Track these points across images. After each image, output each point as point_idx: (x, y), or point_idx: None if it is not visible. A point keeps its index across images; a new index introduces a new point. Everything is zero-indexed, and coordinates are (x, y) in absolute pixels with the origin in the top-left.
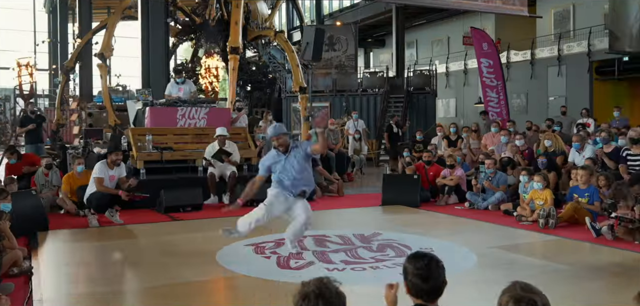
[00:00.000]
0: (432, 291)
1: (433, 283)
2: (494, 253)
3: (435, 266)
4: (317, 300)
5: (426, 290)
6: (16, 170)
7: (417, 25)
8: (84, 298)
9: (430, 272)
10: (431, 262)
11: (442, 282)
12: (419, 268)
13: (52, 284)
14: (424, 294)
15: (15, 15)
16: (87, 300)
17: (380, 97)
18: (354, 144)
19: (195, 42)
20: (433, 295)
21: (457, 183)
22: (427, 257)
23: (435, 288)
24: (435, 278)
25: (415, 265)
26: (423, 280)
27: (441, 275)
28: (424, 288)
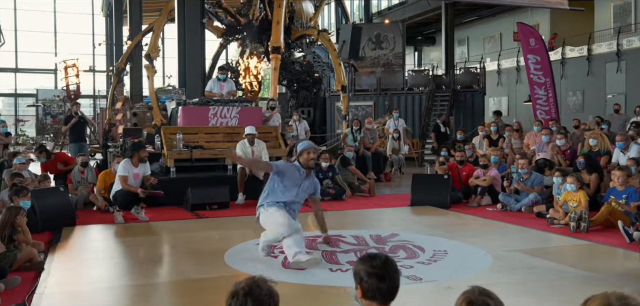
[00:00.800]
0: (388, 292)
1: (390, 284)
2: (513, 256)
3: (391, 267)
4: (245, 298)
5: (382, 291)
6: (51, 168)
7: (468, 21)
8: (84, 293)
9: (386, 272)
10: (387, 262)
11: (397, 284)
12: (376, 267)
13: (59, 278)
14: (379, 295)
15: (75, 19)
16: (85, 296)
17: (425, 95)
18: (393, 144)
19: (241, 42)
20: (388, 296)
21: (491, 184)
22: (382, 257)
23: (391, 289)
24: (391, 279)
25: (371, 264)
26: (380, 280)
27: (397, 277)
28: (381, 287)
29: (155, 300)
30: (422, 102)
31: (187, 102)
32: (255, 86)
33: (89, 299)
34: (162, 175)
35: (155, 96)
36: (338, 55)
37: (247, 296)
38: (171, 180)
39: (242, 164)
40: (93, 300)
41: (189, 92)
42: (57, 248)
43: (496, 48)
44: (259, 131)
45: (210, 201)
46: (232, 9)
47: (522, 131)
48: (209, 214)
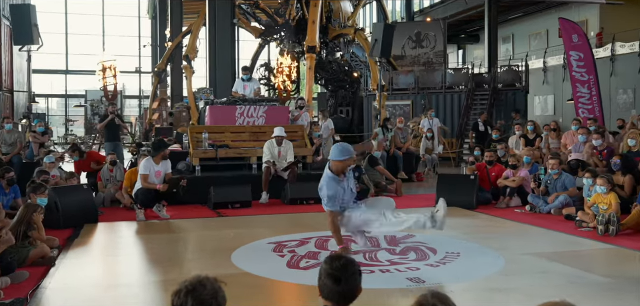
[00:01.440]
0: (342, 294)
1: (344, 287)
2: (528, 260)
3: (350, 270)
4: (186, 296)
5: (336, 292)
6: (84, 166)
7: (512, 18)
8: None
9: (343, 274)
10: (347, 265)
11: (355, 287)
12: (334, 269)
13: (65, 274)
14: (333, 296)
15: (122, 21)
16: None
17: (464, 94)
18: (426, 143)
19: (279, 42)
20: (343, 299)
21: (521, 185)
22: (343, 259)
23: (345, 292)
24: (347, 282)
25: (330, 266)
26: (335, 281)
27: (355, 280)
28: (335, 290)
29: (147, 297)
30: (461, 101)
31: (214, 101)
32: (289, 86)
33: (86, 295)
34: (188, 174)
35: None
36: (370, 53)
37: (189, 294)
38: (196, 178)
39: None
40: (89, 296)
41: (220, 91)
42: (72, 245)
43: (542, 45)
44: (285, 130)
45: (232, 200)
46: (270, 9)
47: (560, 130)
48: (230, 213)
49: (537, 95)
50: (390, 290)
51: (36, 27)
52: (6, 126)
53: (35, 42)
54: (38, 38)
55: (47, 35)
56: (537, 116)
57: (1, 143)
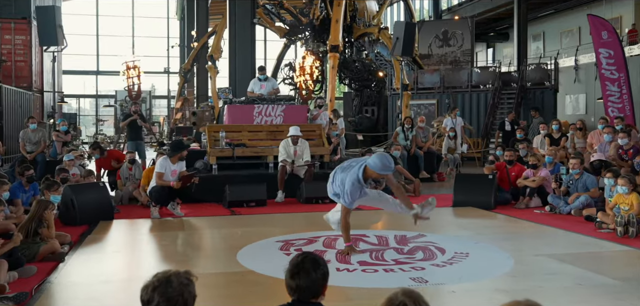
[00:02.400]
0: (298, 289)
1: (299, 282)
2: (538, 261)
3: (308, 265)
4: (154, 291)
5: (293, 288)
6: (105, 164)
7: (543, 16)
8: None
9: (300, 269)
10: (305, 260)
11: (313, 283)
12: (291, 265)
13: (72, 270)
14: (292, 291)
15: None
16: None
17: (490, 93)
18: (448, 143)
19: (304, 41)
20: (301, 293)
21: (542, 186)
22: (303, 255)
23: (302, 288)
24: (304, 277)
25: (290, 261)
26: (291, 277)
27: (313, 275)
28: (291, 285)
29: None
30: (487, 100)
31: (233, 100)
32: (310, 85)
33: (89, 290)
34: (205, 172)
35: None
36: (391, 52)
37: (156, 290)
38: (212, 177)
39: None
40: (92, 292)
41: (240, 91)
42: (84, 242)
43: (574, 43)
44: (303, 129)
45: (247, 198)
46: (294, 9)
47: (586, 130)
48: (245, 211)
49: (569, 94)
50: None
51: (61, 29)
52: (31, 126)
53: (59, 43)
54: (63, 39)
55: (79, 37)
56: (568, 115)
57: (26, 142)
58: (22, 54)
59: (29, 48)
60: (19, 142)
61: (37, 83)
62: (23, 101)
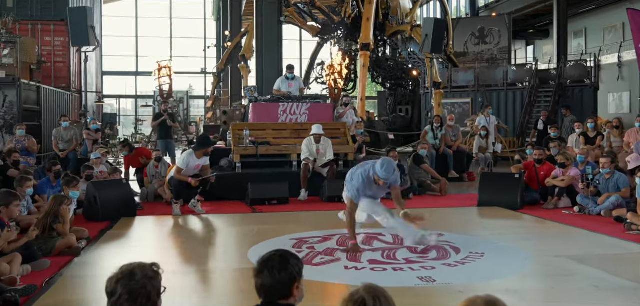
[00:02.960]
0: (262, 288)
1: (263, 281)
2: (557, 262)
3: (275, 264)
4: (117, 283)
5: (258, 286)
6: (133, 162)
7: (585, 11)
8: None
9: (264, 268)
10: (269, 259)
11: (277, 283)
12: (258, 263)
13: (85, 265)
14: (257, 289)
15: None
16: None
17: (527, 91)
18: (480, 142)
19: (337, 40)
20: (265, 293)
21: (571, 185)
22: (273, 253)
23: (266, 287)
24: (267, 276)
25: (258, 259)
26: (255, 274)
27: (277, 275)
28: (256, 282)
29: None
30: (524, 99)
31: (258, 99)
32: (340, 84)
33: (97, 285)
34: (229, 170)
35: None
36: (420, 49)
37: (119, 282)
38: (236, 175)
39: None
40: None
41: (266, 89)
42: (103, 237)
43: (618, 39)
44: (327, 127)
45: (269, 196)
46: (327, 8)
47: (623, 128)
48: (266, 209)
49: (612, 92)
50: (395, 288)
51: (92, 29)
52: (63, 124)
53: (91, 43)
54: (94, 40)
55: (119, 39)
56: (611, 114)
57: (59, 140)
58: (61, 55)
59: (68, 49)
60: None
61: (75, 84)
62: (61, 101)
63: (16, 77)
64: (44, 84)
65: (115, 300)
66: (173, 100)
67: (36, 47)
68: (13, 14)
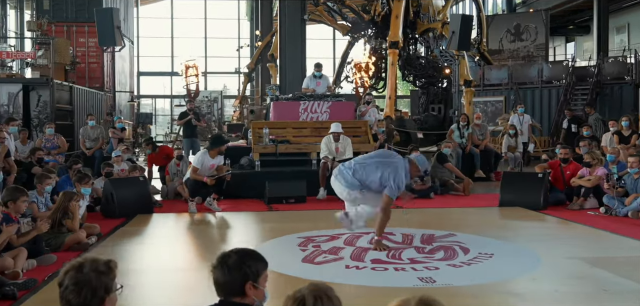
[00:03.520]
0: (216, 284)
1: (217, 276)
2: (569, 264)
3: (230, 262)
4: (65, 275)
5: (213, 281)
6: (156, 159)
7: (628, 6)
8: None
9: (219, 264)
10: (224, 257)
11: (230, 280)
12: (216, 258)
13: None
14: (215, 287)
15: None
16: None
17: (562, 89)
18: (509, 140)
19: (367, 39)
20: (218, 288)
21: (598, 185)
22: (231, 251)
23: (219, 283)
24: (221, 273)
25: (217, 256)
26: (212, 269)
27: (230, 273)
28: (212, 278)
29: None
30: (559, 97)
31: (279, 97)
32: (366, 82)
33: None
34: (249, 169)
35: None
36: (447, 46)
37: (67, 274)
38: (255, 173)
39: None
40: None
41: (289, 87)
42: (115, 233)
43: None
44: (348, 126)
45: (286, 195)
46: (357, 6)
47: None
48: (283, 208)
49: None
50: (391, 288)
51: (119, 30)
52: (90, 123)
53: (117, 44)
54: (121, 40)
55: (156, 40)
56: None
57: (85, 138)
58: (94, 55)
59: (101, 50)
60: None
61: (108, 84)
62: (94, 101)
63: (49, 77)
64: (78, 84)
65: (61, 290)
66: (207, 100)
67: (70, 48)
68: (48, 16)
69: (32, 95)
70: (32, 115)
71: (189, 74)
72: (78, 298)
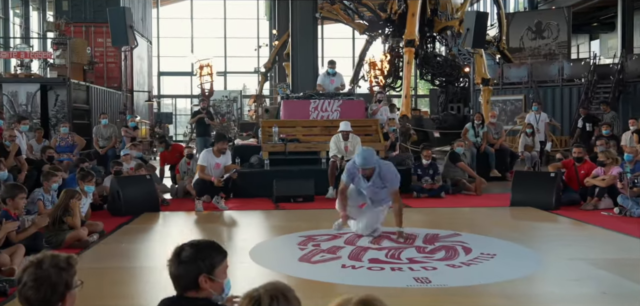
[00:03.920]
0: (170, 276)
1: (171, 268)
2: (570, 265)
3: (184, 254)
4: (24, 271)
5: (170, 275)
6: (170, 158)
7: None
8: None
9: (174, 256)
10: (179, 251)
11: (183, 272)
12: (172, 253)
13: (91, 256)
14: (172, 281)
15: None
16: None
17: (583, 87)
18: (525, 140)
19: (385, 38)
20: (173, 280)
21: (613, 185)
22: (187, 243)
23: (173, 275)
24: (175, 265)
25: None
26: (168, 262)
27: (182, 265)
28: (168, 272)
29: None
30: (580, 95)
31: (289, 95)
32: (381, 81)
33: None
34: (258, 167)
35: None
36: (461, 43)
37: (26, 270)
38: (264, 172)
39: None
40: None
41: (301, 85)
42: (119, 231)
43: None
44: (359, 124)
45: (294, 194)
46: (374, 5)
47: None
48: (290, 206)
49: None
50: (384, 288)
51: (131, 29)
52: (102, 121)
53: (130, 43)
54: (134, 39)
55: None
56: None
57: (99, 137)
58: (112, 56)
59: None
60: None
61: (127, 84)
62: (112, 100)
63: (66, 77)
64: (97, 84)
65: (20, 287)
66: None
67: (88, 48)
68: (66, 17)
69: (50, 95)
70: (50, 114)
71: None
72: (38, 294)
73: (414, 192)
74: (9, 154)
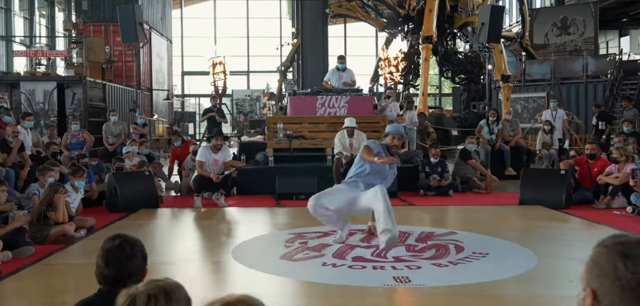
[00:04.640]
0: (112, 279)
1: (115, 270)
2: (567, 266)
3: (122, 252)
4: None
5: (106, 276)
6: (181, 154)
7: None
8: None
9: (113, 257)
10: (120, 246)
11: (127, 271)
12: (104, 249)
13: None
14: (104, 280)
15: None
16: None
17: (608, 84)
18: (543, 137)
19: (404, 34)
20: (113, 283)
21: (626, 183)
22: (120, 239)
23: (117, 276)
24: (116, 265)
25: (103, 245)
26: (105, 264)
27: (125, 264)
28: (104, 272)
29: None
30: (605, 92)
31: (296, 91)
32: (396, 78)
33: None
34: (263, 164)
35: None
36: (476, 39)
37: None
38: (268, 169)
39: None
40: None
41: (310, 81)
42: (109, 227)
43: None
44: (366, 120)
45: (296, 191)
46: (392, 1)
47: None
48: (291, 203)
49: None
50: (359, 287)
51: (141, 26)
52: (112, 118)
53: (139, 40)
54: (143, 37)
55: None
56: None
57: (108, 134)
58: (131, 54)
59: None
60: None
61: (145, 82)
62: (128, 98)
63: (82, 75)
64: (116, 83)
65: None
66: (249, 99)
67: (107, 47)
68: (84, 16)
69: (67, 93)
70: (67, 112)
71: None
72: None
73: (421, 190)
74: (12, 150)
